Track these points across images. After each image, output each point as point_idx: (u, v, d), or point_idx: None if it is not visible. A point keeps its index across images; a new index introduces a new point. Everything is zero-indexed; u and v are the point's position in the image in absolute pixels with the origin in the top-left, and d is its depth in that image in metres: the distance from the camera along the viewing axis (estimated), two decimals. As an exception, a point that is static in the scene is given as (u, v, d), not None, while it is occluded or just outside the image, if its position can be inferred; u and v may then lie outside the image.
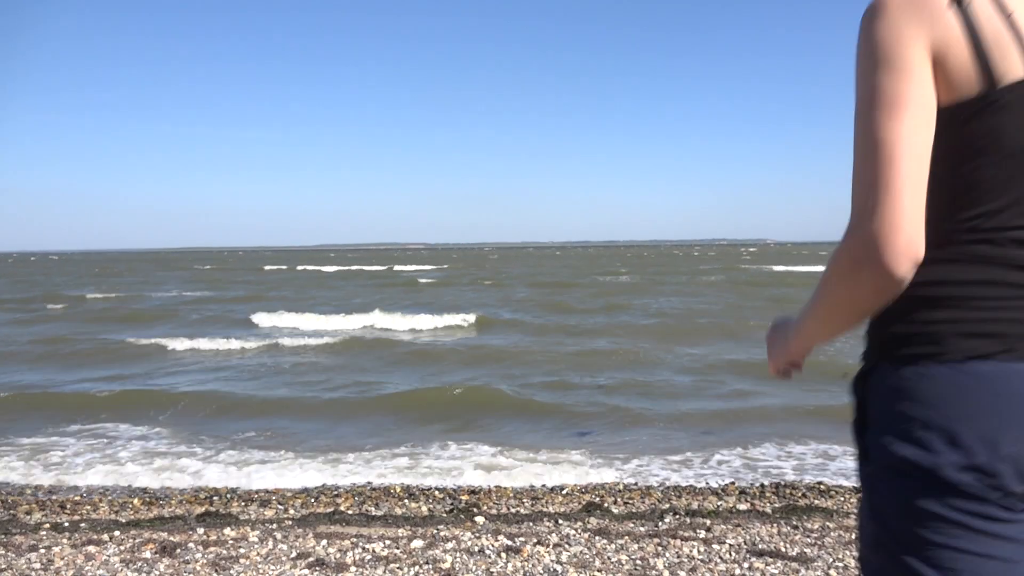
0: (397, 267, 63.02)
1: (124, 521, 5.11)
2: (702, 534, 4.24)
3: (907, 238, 0.86)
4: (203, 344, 14.70)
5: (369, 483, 6.33)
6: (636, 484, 6.12)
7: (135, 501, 5.83)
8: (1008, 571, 0.88)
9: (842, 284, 0.93)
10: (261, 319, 19.61)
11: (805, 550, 3.92)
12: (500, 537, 4.22)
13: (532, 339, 15.63)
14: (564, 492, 5.84)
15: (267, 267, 68.62)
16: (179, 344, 14.58)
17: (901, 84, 0.88)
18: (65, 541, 4.36)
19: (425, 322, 18.27)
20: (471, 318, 18.66)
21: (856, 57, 0.94)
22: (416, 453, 7.25)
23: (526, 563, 3.76)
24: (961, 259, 0.93)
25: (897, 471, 0.94)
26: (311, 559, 3.87)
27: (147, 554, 4.03)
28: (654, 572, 3.61)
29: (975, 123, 0.89)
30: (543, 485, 6.14)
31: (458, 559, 3.84)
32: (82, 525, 4.93)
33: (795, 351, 1.15)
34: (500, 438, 7.69)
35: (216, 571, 3.75)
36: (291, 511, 5.43)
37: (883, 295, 0.91)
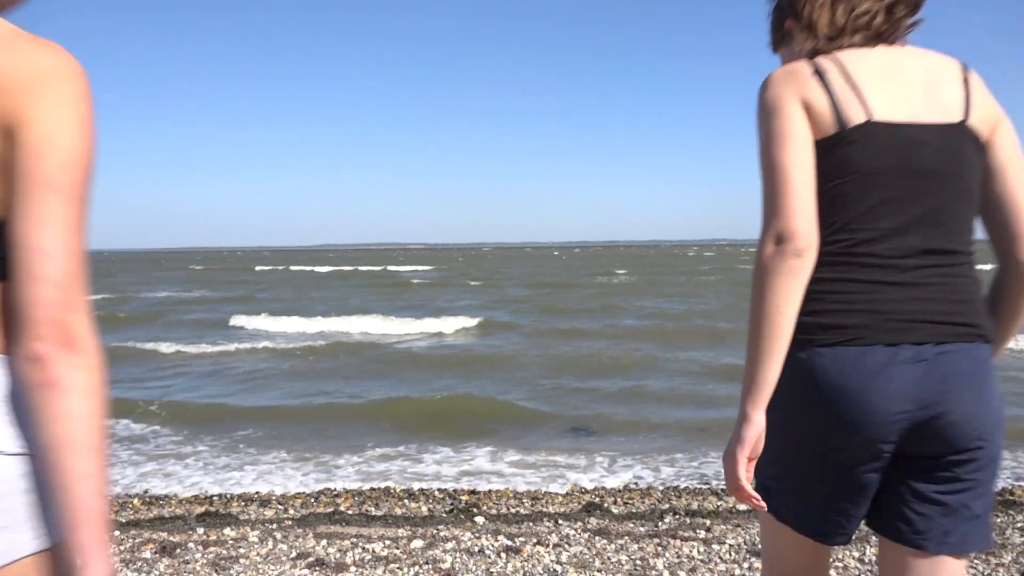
0: (392, 267, 62.43)
1: (124, 521, 5.11)
2: (702, 534, 4.24)
3: (804, 227, 1.16)
4: (184, 348, 14.59)
5: (369, 483, 6.34)
6: (636, 484, 6.12)
7: (135, 501, 5.82)
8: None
9: (770, 283, 1.17)
10: (243, 322, 19.27)
11: (805, 550, 3.92)
12: (500, 537, 4.22)
13: (527, 341, 15.63)
14: (564, 492, 5.85)
15: (259, 267, 67.87)
16: (164, 348, 14.51)
17: (785, 125, 1.22)
18: (65, 541, 4.36)
19: (414, 326, 17.95)
20: (465, 321, 18.43)
21: (756, 114, 1.28)
22: (412, 455, 7.25)
23: (526, 563, 3.76)
24: (826, 262, 1.22)
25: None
26: (311, 559, 3.87)
27: (147, 554, 4.03)
28: (654, 572, 3.62)
29: (833, 153, 1.22)
30: (543, 486, 6.15)
31: (458, 559, 3.84)
32: (82, 525, 4.93)
33: (752, 422, 1.23)
34: (498, 441, 7.69)
35: (216, 571, 3.75)
36: (291, 511, 5.43)
37: (797, 278, 1.17)
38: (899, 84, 1.23)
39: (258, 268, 66.77)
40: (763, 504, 1.29)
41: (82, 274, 0.83)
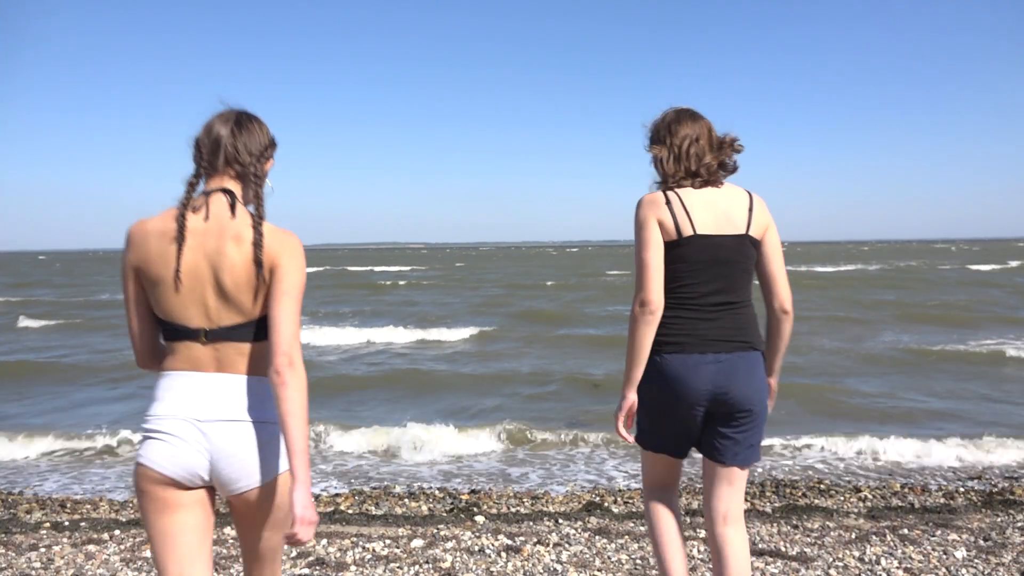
0: (379, 268, 60.46)
1: (124, 520, 5.11)
2: (703, 533, 4.24)
3: (656, 298, 2.09)
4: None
5: (369, 482, 6.34)
6: (636, 484, 6.12)
7: (136, 500, 5.82)
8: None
9: (637, 327, 2.12)
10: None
11: (805, 549, 3.92)
12: (500, 536, 4.22)
13: (521, 340, 15.62)
14: (564, 491, 5.84)
15: None
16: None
17: (648, 235, 2.10)
18: (65, 540, 4.36)
19: (358, 335, 16.15)
20: (455, 331, 16.78)
21: (633, 222, 2.16)
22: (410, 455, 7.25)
23: (526, 563, 3.76)
24: (670, 307, 2.13)
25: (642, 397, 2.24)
26: (311, 558, 3.87)
27: (147, 553, 4.04)
28: (654, 572, 3.61)
29: (675, 250, 2.11)
30: (542, 485, 6.15)
31: (458, 558, 3.84)
32: (82, 524, 4.92)
33: (627, 398, 2.23)
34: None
35: (217, 570, 3.75)
36: None
37: (652, 326, 2.11)
38: (712, 212, 2.14)
39: None
40: (630, 439, 2.27)
41: (299, 331, 1.66)
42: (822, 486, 5.82)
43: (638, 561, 3.75)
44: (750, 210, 2.16)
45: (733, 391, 2.12)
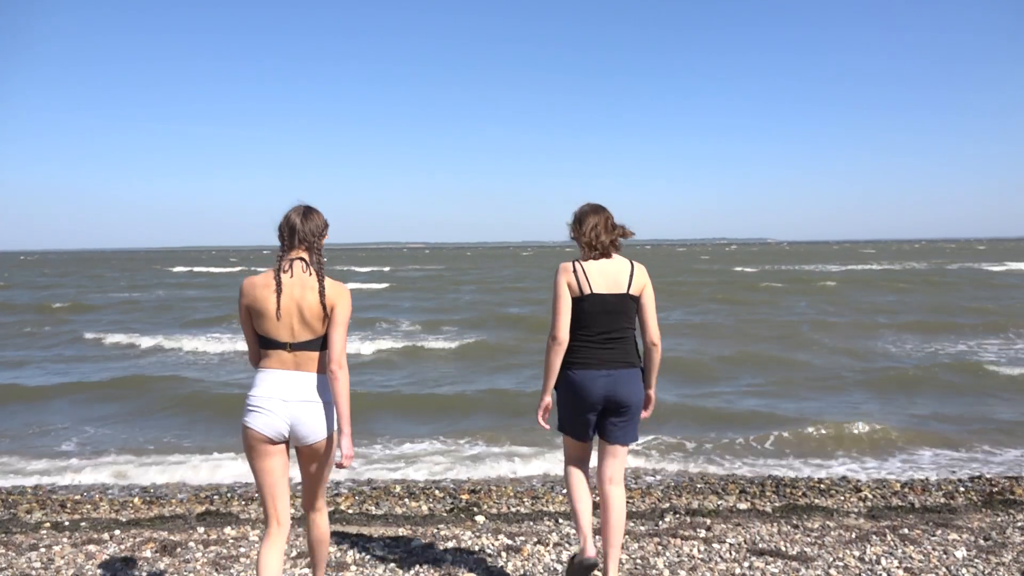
0: (356, 268, 58.45)
1: (124, 520, 5.11)
2: (702, 533, 4.24)
3: (564, 335, 3.07)
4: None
5: (369, 481, 6.33)
6: (636, 484, 6.12)
7: (135, 500, 5.82)
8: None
9: (549, 354, 3.11)
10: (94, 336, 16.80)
11: (805, 549, 3.92)
12: (500, 536, 4.22)
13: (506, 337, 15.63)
14: (564, 491, 5.84)
15: (177, 268, 62.27)
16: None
17: (560, 291, 3.07)
18: (65, 540, 4.36)
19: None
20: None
21: (552, 280, 3.16)
22: (409, 455, 7.25)
23: (526, 562, 3.76)
24: (575, 339, 3.09)
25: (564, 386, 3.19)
26: (311, 559, 3.86)
27: (147, 553, 4.03)
28: (654, 571, 3.61)
29: (578, 304, 3.07)
30: (543, 484, 6.15)
31: (458, 558, 3.84)
32: (82, 524, 4.92)
33: (544, 400, 3.18)
34: (491, 442, 7.69)
35: (216, 570, 3.75)
36: (291, 510, 5.43)
37: (560, 354, 3.09)
38: (604, 277, 3.06)
39: (177, 269, 60.98)
40: (547, 427, 3.22)
41: (345, 345, 2.67)
42: (822, 485, 5.81)
43: (638, 561, 3.75)
44: (631, 275, 3.11)
45: (619, 394, 3.10)
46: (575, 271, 3.06)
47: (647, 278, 3.15)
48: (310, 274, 2.67)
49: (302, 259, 2.70)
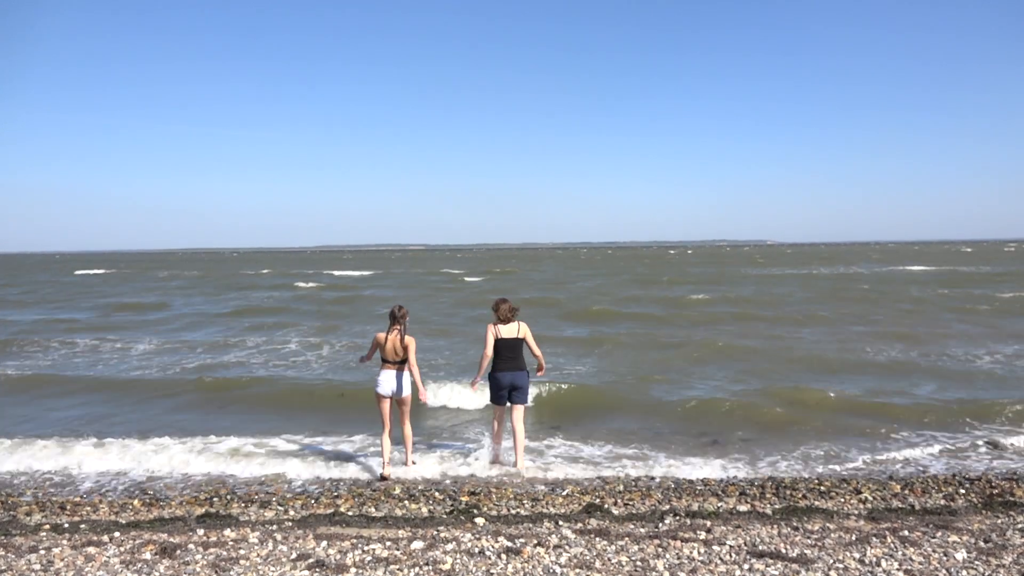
0: (338, 272, 56.45)
1: (124, 522, 5.11)
2: (702, 535, 4.24)
3: (489, 352, 6.86)
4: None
5: (369, 483, 6.33)
6: (636, 485, 6.11)
7: (135, 502, 5.81)
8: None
9: (482, 360, 6.90)
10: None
11: (805, 551, 3.91)
12: (500, 538, 4.22)
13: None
14: (564, 493, 5.83)
15: (164, 273, 57.89)
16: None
17: (488, 336, 6.84)
18: (65, 542, 4.36)
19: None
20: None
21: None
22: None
23: (526, 564, 3.75)
24: (496, 357, 6.87)
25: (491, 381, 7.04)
26: (311, 560, 3.87)
27: (147, 555, 4.03)
28: (654, 573, 3.61)
29: (496, 341, 6.86)
30: (543, 486, 6.14)
31: (458, 560, 3.84)
32: (82, 526, 4.92)
33: (477, 380, 7.04)
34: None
35: (216, 572, 3.74)
36: (291, 512, 5.43)
37: (487, 361, 6.91)
38: (508, 330, 6.82)
39: (166, 273, 57.29)
40: (476, 393, 7.91)
41: (415, 358, 6.70)
42: (822, 487, 5.81)
43: (638, 563, 3.74)
44: (519, 329, 6.77)
45: (516, 382, 6.74)
46: (496, 326, 6.75)
47: (528, 329, 6.85)
48: (401, 334, 6.58)
49: (397, 328, 6.58)
